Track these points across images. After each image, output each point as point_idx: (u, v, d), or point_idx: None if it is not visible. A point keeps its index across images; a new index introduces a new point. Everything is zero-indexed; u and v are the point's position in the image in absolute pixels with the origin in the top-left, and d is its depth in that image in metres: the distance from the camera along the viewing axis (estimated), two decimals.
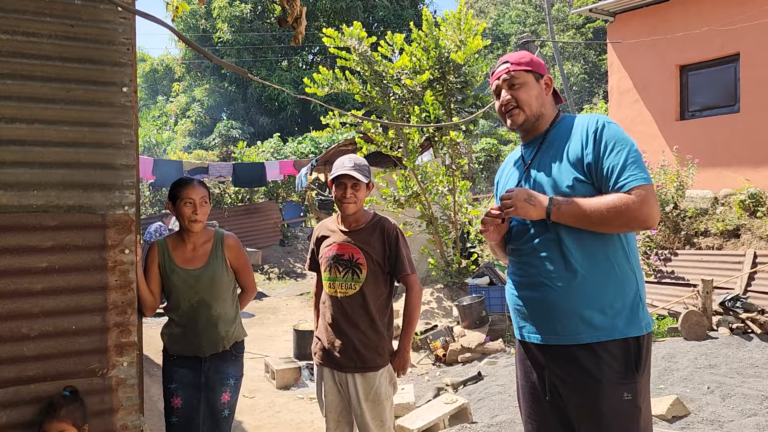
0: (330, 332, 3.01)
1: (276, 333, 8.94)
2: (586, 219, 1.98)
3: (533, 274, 2.14)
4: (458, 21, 8.41)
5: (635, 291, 2.05)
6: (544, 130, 2.24)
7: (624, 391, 1.96)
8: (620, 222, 1.96)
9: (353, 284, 2.95)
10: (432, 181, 8.65)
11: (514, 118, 2.22)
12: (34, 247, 2.49)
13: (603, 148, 2.02)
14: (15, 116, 2.46)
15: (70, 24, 2.59)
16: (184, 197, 3.04)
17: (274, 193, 18.14)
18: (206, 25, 27.73)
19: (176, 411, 3.08)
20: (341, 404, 3.04)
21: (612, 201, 1.95)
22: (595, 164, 2.03)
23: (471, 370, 5.85)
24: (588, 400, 1.99)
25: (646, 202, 1.93)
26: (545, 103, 2.23)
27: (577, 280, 2.03)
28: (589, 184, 2.05)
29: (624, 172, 1.97)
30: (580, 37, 29.18)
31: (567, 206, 2.01)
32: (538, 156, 2.21)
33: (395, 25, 25.45)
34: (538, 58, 2.26)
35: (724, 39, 9.07)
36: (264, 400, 5.72)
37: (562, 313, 2.05)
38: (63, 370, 2.55)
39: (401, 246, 3.00)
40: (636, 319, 2.02)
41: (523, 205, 2.06)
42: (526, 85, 2.20)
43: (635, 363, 1.99)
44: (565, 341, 2.05)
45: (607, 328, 1.99)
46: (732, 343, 5.47)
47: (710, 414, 4.01)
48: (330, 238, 3.08)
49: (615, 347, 1.99)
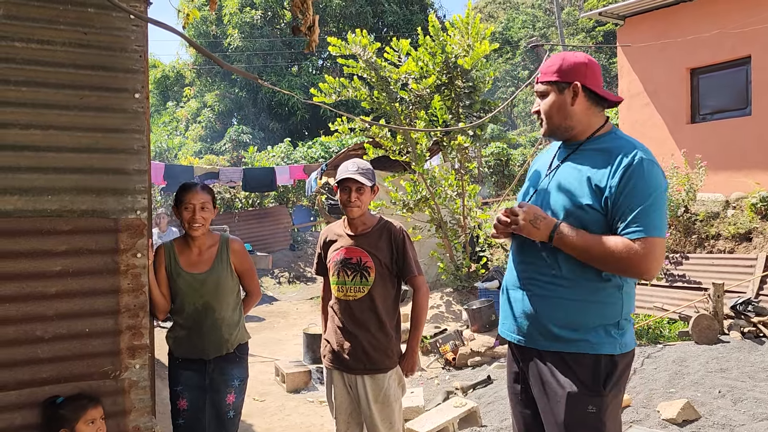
0: (339, 335, 3.04)
1: (286, 337, 8.97)
2: (585, 255, 1.98)
3: (523, 277, 2.17)
4: (466, 26, 8.42)
5: (617, 316, 2.04)
6: (580, 140, 2.15)
7: (589, 403, 1.98)
8: (617, 267, 1.95)
9: (362, 287, 2.98)
10: (441, 185, 8.66)
11: (542, 129, 2.21)
12: (49, 250, 2.54)
13: (629, 186, 1.94)
14: (30, 122, 2.51)
15: (84, 32, 2.63)
16: (185, 201, 3.09)
17: (284, 197, 18.21)
18: (217, 31, 27.90)
19: (182, 413, 3.12)
20: (351, 406, 3.07)
21: (615, 245, 1.92)
22: (614, 200, 1.96)
23: (480, 374, 5.85)
24: (553, 405, 2.03)
25: (649, 256, 1.90)
26: (572, 114, 2.11)
27: (559, 294, 2.05)
28: (599, 213, 2.00)
29: (638, 220, 1.91)
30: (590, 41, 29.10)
31: (569, 239, 1.99)
32: (565, 164, 2.15)
33: (405, 30, 25.51)
34: (576, 60, 2.12)
35: (735, 42, 9.03)
36: (274, 404, 5.75)
37: (539, 319, 2.08)
38: (76, 372, 2.59)
39: (408, 248, 3.04)
40: (611, 339, 2.01)
41: (528, 226, 2.05)
42: (549, 96, 2.14)
43: (604, 379, 1.99)
44: (538, 346, 2.09)
45: (579, 342, 2.01)
46: (743, 347, 5.43)
47: (721, 418, 3.99)
48: (337, 242, 3.11)
49: (585, 360, 2.00)
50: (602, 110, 2.17)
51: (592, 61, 2.14)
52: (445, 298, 8.50)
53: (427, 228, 9.01)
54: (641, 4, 10.10)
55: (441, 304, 8.35)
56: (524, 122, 31.39)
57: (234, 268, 3.24)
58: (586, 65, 2.12)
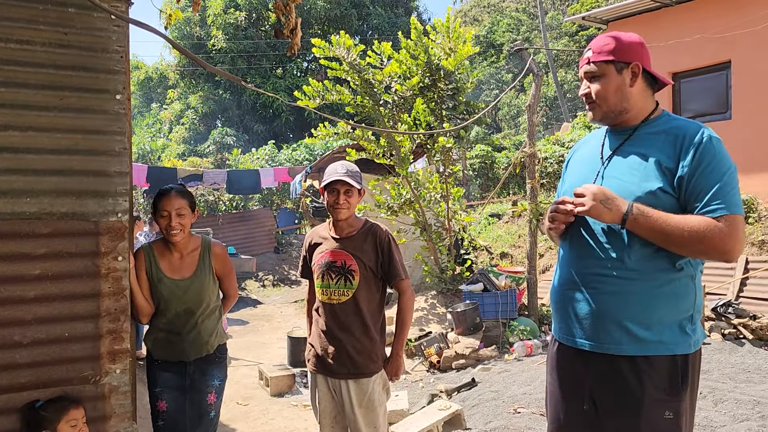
0: (323, 339, 3.02)
1: (270, 340, 8.93)
2: (663, 237, 1.83)
3: (584, 274, 2.00)
4: (447, 29, 8.47)
5: (691, 308, 1.91)
6: (634, 125, 2.04)
7: (666, 410, 1.85)
8: (699, 249, 1.81)
9: (346, 291, 2.96)
10: (425, 188, 8.67)
11: (592, 113, 2.08)
12: (27, 254, 2.50)
13: (703, 164, 1.84)
14: (8, 123, 2.47)
15: (64, 32, 2.59)
16: (160, 209, 3.02)
17: (268, 200, 18.15)
18: (201, 32, 27.77)
19: (162, 414, 3.09)
20: (335, 410, 3.06)
21: (696, 224, 1.79)
22: (688, 180, 1.85)
23: (465, 377, 5.85)
24: (627, 416, 1.89)
25: (732, 234, 1.78)
26: (629, 96, 2.01)
27: (630, 289, 1.90)
28: (673, 197, 1.88)
29: (717, 197, 1.81)
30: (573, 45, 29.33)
31: (645, 219, 1.83)
32: (622, 150, 2.02)
33: (389, 33, 25.55)
34: (631, 40, 2.01)
35: (716, 46, 9.15)
36: (258, 408, 5.71)
37: (608, 320, 1.92)
38: (56, 378, 2.55)
39: (394, 252, 3.02)
40: (685, 336, 1.88)
41: (598, 207, 1.88)
42: (604, 77, 2.01)
43: (681, 381, 1.86)
44: (607, 350, 1.92)
45: (653, 343, 1.87)
46: (724, 349, 5.49)
47: (702, 419, 4.02)
48: (322, 246, 3.09)
49: (660, 363, 1.87)
50: (654, 93, 2.09)
51: (644, 42, 2.05)
52: (430, 300, 8.50)
53: (412, 231, 9.01)
54: (624, 9, 10.21)
55: (425, 306, 8.35)
56: (508, 125, 31.55)
57: (216, 272, 3.21)
58: (642, 45, 2.03)
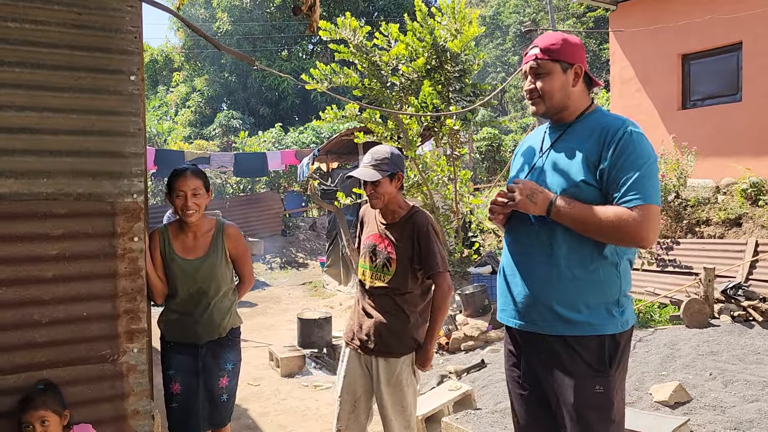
0: (360, 315, 3.07)
1: (279, 322, 8.98)
2: (582, 226, 2.00)
3: (520, 261, 2.19)
4: (452, 10, 8.40)
5: (616, 294, 2.07)
6: (570, 121, 2.19)
7: (596, 384, 2.02)
8: (615, 236, 1.96)
9: (383, 276, 2.97)
10: (433, 170, 8.66)
11: (535, 108, 2.21)
12: (45, 234, 2.52)
13: (623, 157, 1.98)
14: (25, 104, 2.48)
15: (78, 12, 2.59)
16: (176, 189, 3.04)
17: (275, 183, 18.15)
18: (205, 14, 27.62)
19: (175, 396, 3.12)
20: (362, 388, 3.05)
21: (612, 214, 1.94)
22: (609, 172, 2.00)
23: (474, 358, 5.88)
24: (561, 389, 2.06)
25: (646, 222, 1.92)
26: (571, 95, 2.16)
27: (558, 275, 2.06)
28: (595, 188, 2.03)
29: (633, 188, 1.94)
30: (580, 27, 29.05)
31: (567, 210, 2.01)
32: (558, 144, 2.18)
33: (395, 14, 25.36)
34: (575, 42, 2.16)
35: (727, 28, 9.04)
36: (269, 388, 5.76)
37: (540, 303, 2.10)
38: (74, 356, 2.58)
39: (432, 242, 2.94)
40: (612, 318, 2.05)
41: (525, 201, 2.07)
42: (550, 75, 2.14)
43: (609, 359, 2.03)
44: (540, 330, 2.11)
45: (582, 324, 2.04)
46: (734, 331, 5.50)
47: (712, 400, 4.04)
48: (370, 227, 3.13)
49: (589, 342, 2.03)
50: (589, 93, 2.23)
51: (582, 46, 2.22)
52: None
53: None
54: None
55: None
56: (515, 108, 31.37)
57: (229, 253, 3.22)
58: (583, 48, 2.19)
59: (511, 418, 2.42)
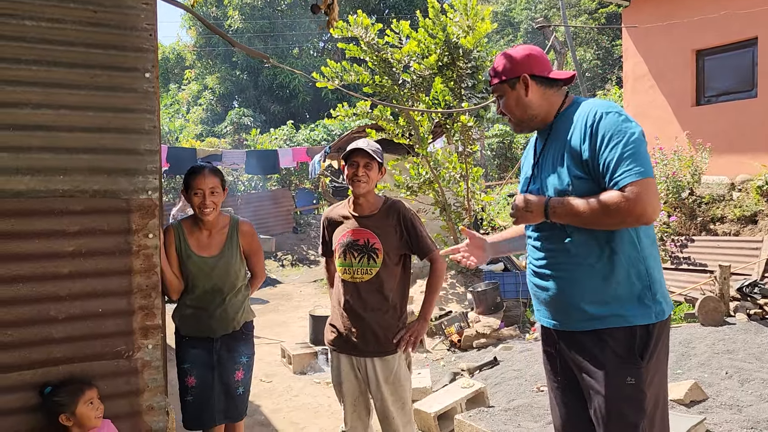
0: (346, 318, 3.02)
1: (290, 319, 9.01)
2: (579, 220, 1.99)
3: (543, 264, 2.20)
4: (464, 6, 8.37)
5: (644, 279, 2.03)
6: (549, 122, 2.20)
7: (627, 375, 2.00)
8: (614, 221, 1.93)
9: (370, 269, 2.96)
10: (445, 167, 8.64)
11: (512, 128, 2.31)
12: (62, 231, 2.53)
13: (599, 142, 1.96)
14: (41, 102, 2.50)
15: (94, 10, 2.61)
16: (194, 187, 3.07)
17: (287, 180, 18.19)
18: (217, 12, 27.69)
19: (191, 390, 3.15)
20: (358, 390, 3.06)
21: (604, 201, 1.91)
22: (592, 160, 1.98)
23: (486, 356, 5.87)
24: (595, 381, 2.05)
25: (639, 199, 1.86)
26: (530, 104, 2.18)
27: (579, 272, 2.06)
28: (589, 180, 2.01)
29: (618, 168, 1.91)
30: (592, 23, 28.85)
31: (561, 208, 2.01)
32: (546, 149, 2.20)
33: (407, 12, 25.32)
34: (515, 54, 2.19)
35: (742, 23, 8.94)
36: (281, 385, 5.78)
37: (565, 303, 2.11)
38: (90, 353, 2.60)
39: (419, 226, 3.02)
40: (644, 308, 2.01)
41: (523, 214, 2.12)
42: (504, 96, 2.23)
43: (640, 350, 2.01)
44: (571, 328, 2.12)
45: (611, 317, 2.02)
46: (750, 329, 5.44)
47: (728, 399, 4.00)
48: (343, 225, 3.09)
49: (620, 333, 2.01)
50: (559, 90, 2.21)
51: (532, 51, 2.21)
52: (450, 280, 8.51)
53: (431, 210, 9.00)
54: None
55: (445, 286, 8.35)
56: None
57: (243, 250, 3.26)
58: (528, 56, 2.19)
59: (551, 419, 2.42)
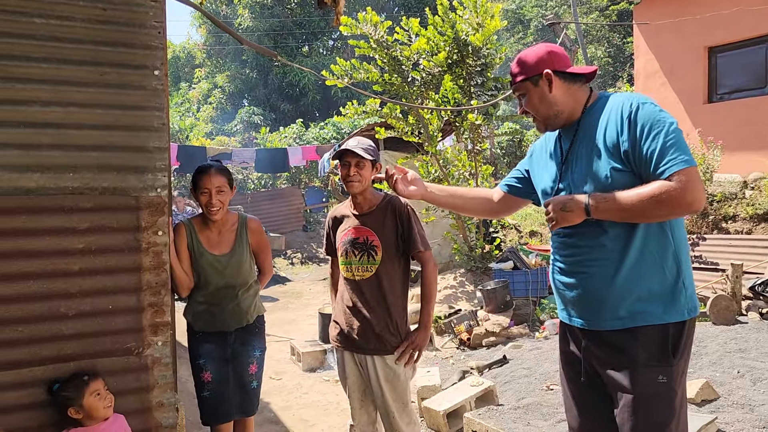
0: (348, 315, 3.03)
1: (300, 317, 9.02)
2: (626, 214, 1.93)
3: (573, 261, 2.14)
4: (474, 3, 8.35)
5: (676, 276, 2.01)
6: (576, 119, 2.16)
7: (659, 374, 1.96)
8: (664, 212, 1.89)
9: (369, 267, 2.97)
10: (454, 165, 8.63)
11: (537, 127, 2.24)
12: (71, 228, 2.54)
13: (639, 132, 1.92)
14: (50, 99, 2.50)
15: (103, 8, 2.61)
16: (201, 186, 3.09)
17: (296, 178, 18.22)
18: (227, 11, 27.77)
19: (207, 385, 3.16)
20: (363, 384, 3.07)
21: (652, 191, 1.87)
22: (633, 151, 1.94)
23: (496, 354, 5.85)
24: (624, 380, 2.01)
25: (688, 187, 1.83)
26: (554, 101, 2.14)
27: (614, 268, 2.01)
28: (628, 173, 1.97)
29: (663, 158, 1.87)
30: (603, 20, 28.67)
31: (605, 204, 1.95)
32: (575, 146, 2.14)
33: (416, 9, 25.27)
34: (534, 52, 2.17)
35: (755, 19, 8.86)
36: (291, 382, 5.79)
37: (599, 301, 2.05)
38: (100, 349, 2.61)
39: (414, 223, 3.00)
40: (676, 305, 1.99)
41: (562, 215, 2.04)
42: (527, 95, 2.18)
43: (672, 348, 1.98)
44: (601, 327, 2.07)
45: (645, 314, 1.98)
46: (762, 328, 5.39)
47: (740, 398, 3.96)
48: (345, 223, 3.10)
49: (653, 331, 1.98)
50: (582, 85, 2.18)
51: (552, 48, 2.18)
52: (459, 278, 8.50)
53: (441, 209, 8.99)
54: None
55: (454, 284, 8.35)
56: None
57: (251, 246, 3.30)
58: (548, 53, 2.16)
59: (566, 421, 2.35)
